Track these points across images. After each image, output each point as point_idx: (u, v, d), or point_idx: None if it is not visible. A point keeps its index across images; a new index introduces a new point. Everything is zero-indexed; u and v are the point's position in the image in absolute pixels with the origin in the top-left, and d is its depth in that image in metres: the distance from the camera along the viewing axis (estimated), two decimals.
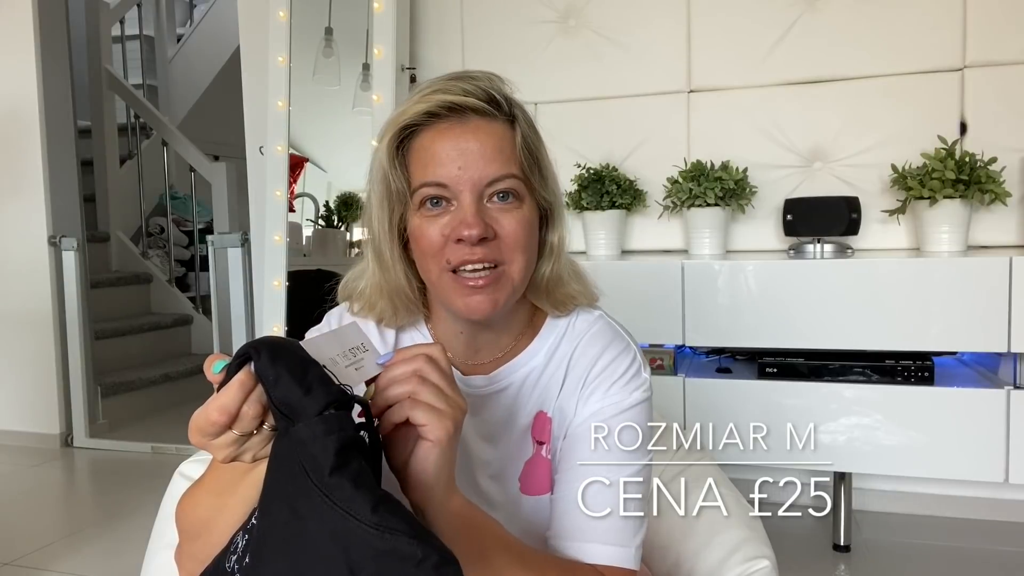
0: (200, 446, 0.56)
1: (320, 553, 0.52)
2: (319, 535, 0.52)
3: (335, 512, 0.51)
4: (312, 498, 0.52)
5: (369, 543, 0.51)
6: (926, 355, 1.93)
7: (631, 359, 0.81)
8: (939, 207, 2.00)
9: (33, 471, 2.93)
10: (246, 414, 0.54)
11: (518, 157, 0.74)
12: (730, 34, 2.33)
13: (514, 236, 0.73)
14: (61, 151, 3.23)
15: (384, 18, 2.43)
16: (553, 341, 0.82)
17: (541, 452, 0.80)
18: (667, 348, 2.14)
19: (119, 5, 4.77)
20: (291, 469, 0.54)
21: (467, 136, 0.72)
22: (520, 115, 0.77)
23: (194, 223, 4.60)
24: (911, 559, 1.97)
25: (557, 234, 0.81)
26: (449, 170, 0.72)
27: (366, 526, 0.51)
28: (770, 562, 0.94)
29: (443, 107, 0.72)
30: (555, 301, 0.82)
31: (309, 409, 0.53)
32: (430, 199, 0.73)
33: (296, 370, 0.54)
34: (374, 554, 0.51)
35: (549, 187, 0.80)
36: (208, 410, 0.54)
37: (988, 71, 2.13)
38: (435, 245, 0.73)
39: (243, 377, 0.54)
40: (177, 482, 1.11)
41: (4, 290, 3.24)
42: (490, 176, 0.72)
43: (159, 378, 3.74)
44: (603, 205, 2.30)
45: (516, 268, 0.74)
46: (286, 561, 0.54)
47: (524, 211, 0.75)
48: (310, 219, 2.94)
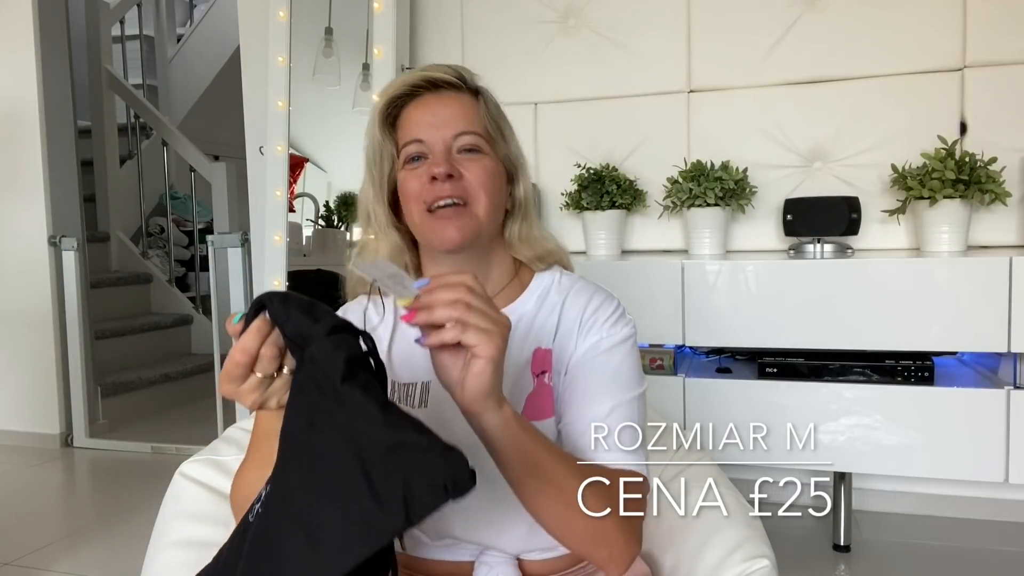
0: (230, 395, 0.65)
1: (335, 457, 0.56)
2: (333, 441, 0.57)
3: (347, 416, 0.56)
4: (325, 407, 0.57)
5: (379, 440, 0.55)
6: (926, 355, 1.93)
7: (616, 303, 0.93)
8: (939, 207, 2.00)
9: (33, 471, 2.93)
10: (264, 355, 0.63)
11: (482, 122, 0.89)
12: (730, 34, 2.33)
13: (477, 178, 0.87)
14: (61, 151, 3.23)
15: (384, 18, 2.43)
16: (541, 292, 0.93)
17: (544, 380, 0.88)
18: (667, 348, 2.14)
19: (119, 5, 4.77)
20: (307, 389, 0.59)
21: (440, 103, 0.89)
22: (484, 92, 0.92)
23: (194, 223, 4.60)
24: (911, 559, 1.97)
25: (522, 187, 0.94)
26: (425, 129, 0.88)
27: (375, 424, 0.56)
28: (770, 562, 0.94)
29: (422, 81, 0.89)
30: (535, 254, 0.95)
31: (319, 333, 0.60)
32: (412, 156, 0.88)
33: (305, 308, 0.61)
34: (384, 449, 0.55)
35: (512, 150, 0.93)
36: (232, 354, 0.63)
37: (988, 71, 2.13)
38: (416, 190, 0.87)
39: (259, 323, 0.63)
40: (177, 482, 1.11)
41: (4, 290, 3.25)
42: (457, 130, 0.87)
43: (159, 378, 3.74)
44: (603, 205, 2.30)
45: (480, 206, 0.87)
46: (303, 471, 0.58)
47: (488, 161, 0.89)
48: (310, 219, 2.94)
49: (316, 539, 0.56)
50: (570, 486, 0.73)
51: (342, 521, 0.55)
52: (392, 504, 0.54)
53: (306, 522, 0.57)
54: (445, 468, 0.54)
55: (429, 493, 0.54)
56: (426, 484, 0.54)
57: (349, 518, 0.55)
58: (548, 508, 0.74)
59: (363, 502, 0.55)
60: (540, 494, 0.73)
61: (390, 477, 0.55)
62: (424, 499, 0.54)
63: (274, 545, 0.59)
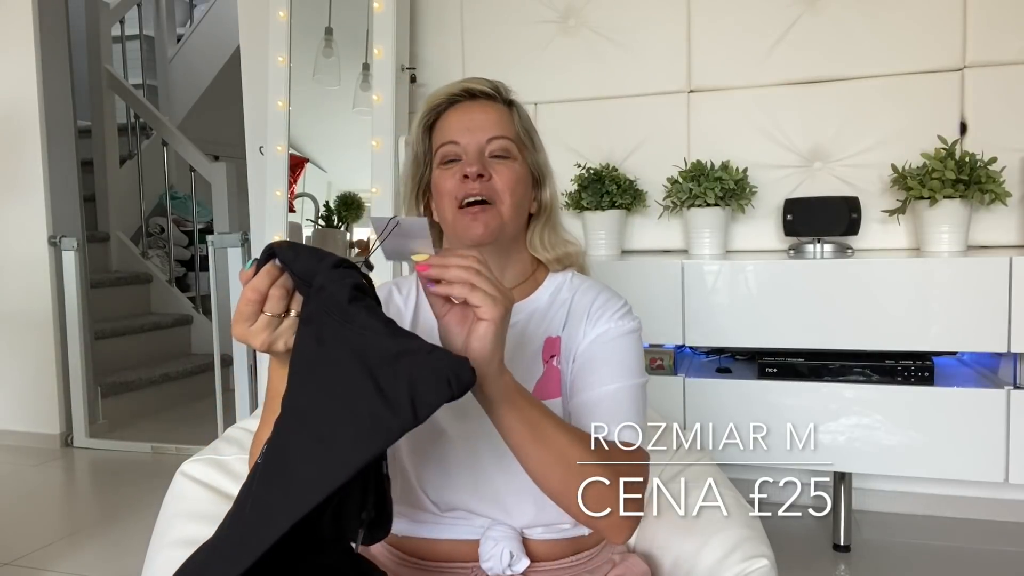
0: (241, 337, 0.70)
1: (343, 368, 0.61)
2: (341, 354, 0.61)
3: (353, 332, 0.61)
4: (333, 325, 0.62)
5: (386, 348, 0.60)
6: (926, 355, 1.93)
7: (623, 300, 0.99)
8: (939, 207, 2.00)
9: (33, 471, 2.93)
10: (273, 295, 0.69)
11: (514, 129, 0.98)
12: (730, 34, 2.33)
13: (505, 181, 0.95)
14: (61, 151, 3.23)
15: (384, 18, 2.43)
16: (554, 290, 1.00)
17: (553, 363, 0.94)
18: (667, 348, 2.14)
19: (119, 5, 4.77)
20: (315, 318, 0.63)
21: (476, 109, 0.98)
22: (517, 104, 1.01)
23: (194, 223, 4.60)
24: (911, 559, 1.98)
25: (548, 191, 1.03)
26: (461, 133, 0.96)
27: (381, 337, 0.60)
28: (769, 561, 0.94)
29: (462, 91, 0.99)
30: (556, 256, 1.02)
31: (325, 266, 0.65)
32: (448, 158, 0.96)
33: (312, 251, 0.67)
34: (391, 357, 0.59)
35: (540, 157, 1.02)
36: (244, 293, 0.69)
37: (988, 71, 2.13)
38: (449, 188, 0.95)
39: (269, 267, 0.69)
40: (178, 482, 1.12)
41: (4, 290, 3.25)
42: (490, 135, 0.96)
43: (159, 378, 3.74)
44: (603, 205, 2.30)
45: (506, 207, 0.95)
46: (314, 383, 0.62)
47: (516, 166, 0.97)
48: (310, 219, 2.93)
49: (326, 440, 0.59)
50: (571, 452, 0.77)
51: (352, 420, 0.58)
52: (399, 402, 0.58)
53: (317, 427, 0.60)
54: (449, 364, 0.59)
55: (434, 389, 0.58)
56: (432, 381, 0.58)
57: (358, 417, 0.58)
58: (550, 473, 0.78)
59: (371, 402, 0.58)
60: (542, 460, 0.77)
61: (396, 379, 0.58)
62: (429, 395, 0.58)
63: (286, 456, 0.61)
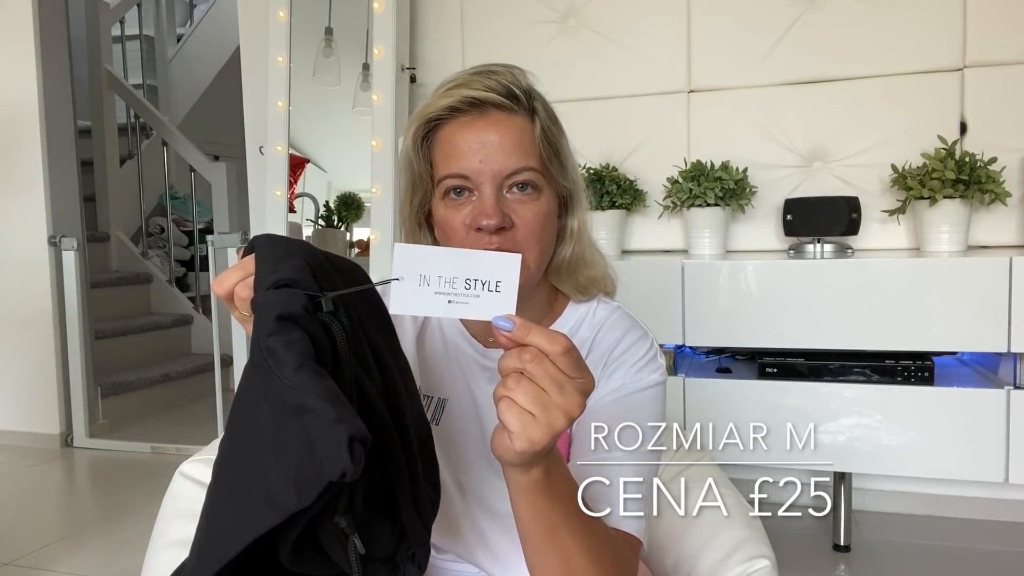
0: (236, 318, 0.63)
1: (253, 417, 0.54)
2: (256, 396, 0.55)
3: (266, 371, 0.54)
4: (255, 359, 0.55)
5: (284, 400, 0.52)
6: (926, 355, 1.93)
7: (649, 344, 0.85)
8: (939, 207, 2.00)
9: (33, 471, 2.93)
10: (239, 295, 0.60)
11: (537, 149, 0.78)
12: (730, 34, 2.33)
13: (530, 227, 0.77)
14: (61, 151, 3.23)
15: (384, 18, 2.43)
16: (574, 325, 0.87)
17: None
18: (667, 348, 2.14)
19: (119, 5, 4.77)
20: (252, 342, 0.56)
21: (488, 130, 0.76)
22: (540, 107, 0.80)
23: (194, 223, 4.59)
24: (911, 559, 1.97)
25: (577, 219, 0.85)
26: (471, 162, 0.76)
27: (284, 385, 0.52)
28: (770, 562, 0.94)
29: (465, 102, 0.77)
30: (578, 284, 0.87)
31: (264, 284, 0.56)
32: (454, 189, 0.78)
33: (279, 257, 0.58)
34: (287, 412, 0.52)
35: (568, 176, 0.83)
36: (212, 283, 0.61)
37: (988, 71, 2.13)
38: (458, 233, 0.77)
39: (245, 261, 0.60)
40: (177, 482, 1.11)
41: (4, 290, 3.24)
42: (509, 168, 0.76)
43: (159, 378, 3.74)
44: (603, 205, 2.30)
45: (531, 257, 0.78)
46: (236, 429, 0.57)
47: (542, 203, 0.79)
48: (310, 219, 2.93)
49: (233, 504, 0.54)
50: (579, 560, 0.69)
51: (250, 490, 0.53)
52: (286, 477, 0.51)
53: (229, 485, 0.55)
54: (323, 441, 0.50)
55: (310, 468, 0.50)
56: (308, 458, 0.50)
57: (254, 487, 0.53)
58: (547, 570, 0.70)
59: (268, 470, 0.52)
60: (544, 558, 0.69)
61: (289, 446, 0.51)
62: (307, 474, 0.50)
63: (208, 508, 0.57)
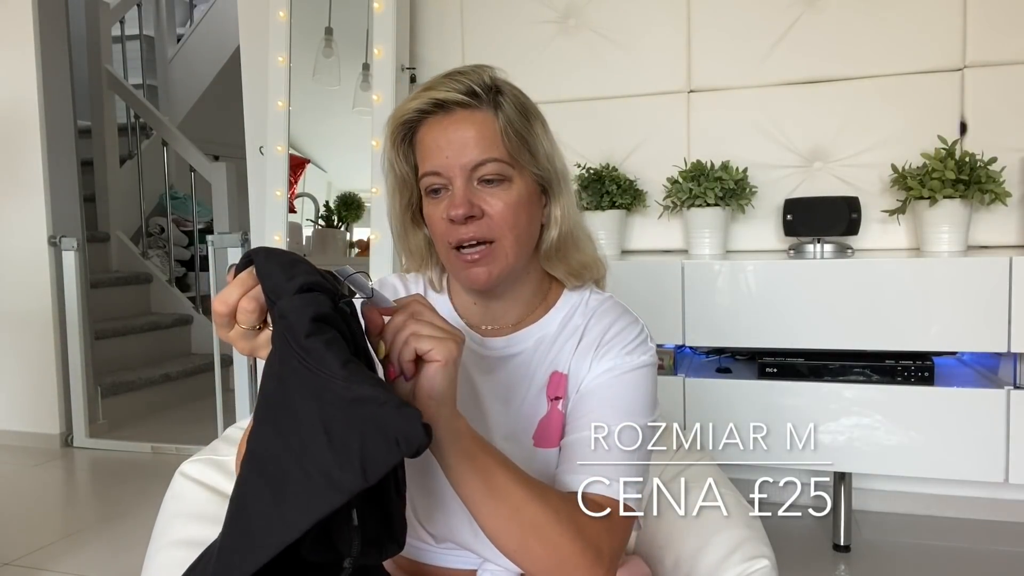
0: (224, 339, 0.65)
1: (298, 413, 0.57)
2: (297, 395, 0.57)
3: (308, 371, 0.56)
4: (291, 362, 0.57)
5: (338, 394, 0.55)
6: (926, 355, 1.93)
7: (640, 329, 0.89)
8: (939, 207, 2.00)
9: (33, 471, 2.93)
10: (243, 307, 0.61)
11: (502, 141, 0.81)
12: (730, 34, 2.33)
13: (502, 215, 0.81)
14: (61, 151, 3.23)
15: (384, 18, 2.43)
16: (567, 312, 0.90)
17: (557, 407, 0.86)
18: (667, 348, 2.14)
19: (119, 5, 4.77)
20: (278, 345, 0.59)
21: (452, 127, 0.81)
22: (507, 101, 0.83)
23: (194, 223, 4.60)
24: (911, 559, 1.97)
25: (559, 205, 0.88)
26: (440, 159, 0.81)
27: (335, 380, 0.56)
28: (770, 562, 0.94)
29: (430, 103, 0.82)
30: (570, 268, 0.90)
31: (289, 290, 0.59)
32: (432, 188, 0.83)
33: (286, 265, 0.61)
34: (343, 404, 0.55)
35: (541, 164, 0.85)
36: (213, 302, 0.63)
37: (988, 71, 2.13)
38: (440, 227, 0.83)
39: (243, 276, 0.62)
40: (177, 482, 1.11)
41: (4, 290, 3.24)
42: (474, 160, 0.80)
43: (159, 378, 3.74)
44: (603, 205, 2.30)
45: (508, 243, 0.82)
46: (271, 427, 0.58)
47: (514, 191, 0.82)
48: (310, 219, 2.94)
49: (280, 495, 0.56)
50: (529, 510, 0.70)
51: (302, 477, 0.55)
52: (349, 461, 0.54)
53: (272, 477, 0.57)
54: (396, 423, 0.54)
55: (383, 449, 0.54)
56: (381, 440, 0.54)
57: (308, 475, 0.55)
58: (503, 531, 0.70)
59: (323, 458, 0.55)
60: (494, 516, 0.70)
61: (348, 433, 0.55)
62: (378, 455, 0.54)
63: (246, 502, 0.58)
